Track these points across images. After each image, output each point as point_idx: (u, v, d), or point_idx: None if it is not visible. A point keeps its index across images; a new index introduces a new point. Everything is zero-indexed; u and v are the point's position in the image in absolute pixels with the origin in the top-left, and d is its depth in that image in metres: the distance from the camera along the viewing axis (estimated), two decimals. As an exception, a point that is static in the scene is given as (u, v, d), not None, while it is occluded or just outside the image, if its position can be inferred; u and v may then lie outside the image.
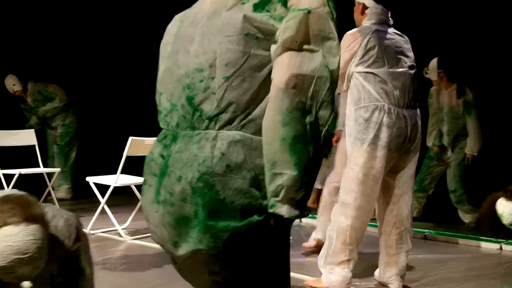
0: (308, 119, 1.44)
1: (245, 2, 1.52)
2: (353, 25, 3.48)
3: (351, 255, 3.33)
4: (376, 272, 3.55)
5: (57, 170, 6.18)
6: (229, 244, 1.47)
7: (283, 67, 1.43)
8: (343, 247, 3.31)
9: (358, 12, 3.46)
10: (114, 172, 4.91)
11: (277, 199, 1.42)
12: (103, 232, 5.03)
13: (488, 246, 4.63)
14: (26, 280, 1.81)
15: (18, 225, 1.70)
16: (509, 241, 4.64)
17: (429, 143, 5.73)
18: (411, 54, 3.46)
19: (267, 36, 1.49)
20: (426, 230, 5.08)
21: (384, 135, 3.24)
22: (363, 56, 3.28)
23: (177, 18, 1.72)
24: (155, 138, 1.69)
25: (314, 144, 1.45)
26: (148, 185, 1.63)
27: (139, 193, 5.04)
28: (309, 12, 1.45)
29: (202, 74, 1.52)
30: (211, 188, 1.46)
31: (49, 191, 6.14)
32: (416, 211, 5.76)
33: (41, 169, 6.08)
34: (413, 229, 4.94)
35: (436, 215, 5.84)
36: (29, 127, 6.75)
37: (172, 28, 1.70)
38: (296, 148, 1.42)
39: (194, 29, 1.59)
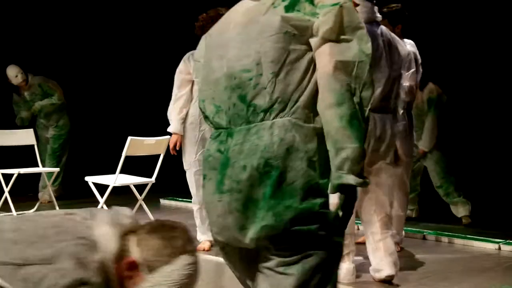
0: (355, 99, 1.62)
1: (276, 6, 1.71)
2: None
3: (348, 249, 3.41)
4: (370, 268, 3.55)
5: (56, 170, 6.17)
6: (289, 225, 1.62)
7: (326, 57, 1.63)
8: None
9: None
10: (113, 172, 4.91)
11: (343, 171, 1.60)
12: (102, 232, 5.01)
13: (487, 246, 4.62)
14: None
15: (193, 255, 1.74)
16: (507, 241, 4.64)
17: None
18: (399, 54, 3.47)
19: (301, 32, 1.67)
20: (425, 230, 5.08)
21: None
22: None
23: (204, 36, 1.93)
24: (154, 138, 1.73)
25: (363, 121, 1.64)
26: (208, 179, 1.79)
27: (139, 193, 5.05)
28: (341, 6, 1.65)
29: (249, 73, 1.70)
30: (276, 170, 1.64)
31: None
32: (414, 212, 5.76)
33: (40, 169, 6.07)
34: (412, 229, 5.02)
35: (435, 215, 5.84)
36: (21, 120, 6.68)
37: (201, 45, 1.92)
38: (354, 124, 1.60)
39: (224, 37, 1.79)
